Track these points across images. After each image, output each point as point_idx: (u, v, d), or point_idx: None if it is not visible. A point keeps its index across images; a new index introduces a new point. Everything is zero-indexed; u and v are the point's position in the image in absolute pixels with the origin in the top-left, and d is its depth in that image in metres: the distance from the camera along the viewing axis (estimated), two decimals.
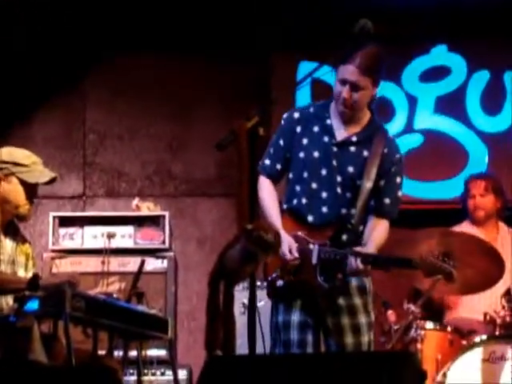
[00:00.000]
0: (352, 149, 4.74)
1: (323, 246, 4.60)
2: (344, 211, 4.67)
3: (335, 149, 4.72)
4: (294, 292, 4.65)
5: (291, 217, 4.74)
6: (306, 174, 4.72)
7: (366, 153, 4.72)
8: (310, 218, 4.68)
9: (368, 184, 4.64)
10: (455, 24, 7.13)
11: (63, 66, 7.41)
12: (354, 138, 4.74)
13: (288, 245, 4.58)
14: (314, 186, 4.70)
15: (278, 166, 4.81)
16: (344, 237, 4.64)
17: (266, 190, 4.76)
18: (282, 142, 4.79)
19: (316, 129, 4.77)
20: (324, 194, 4.69)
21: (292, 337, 4.64)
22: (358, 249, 4.56)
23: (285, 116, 4.80)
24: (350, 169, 4.70)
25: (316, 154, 4.73)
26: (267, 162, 4.79)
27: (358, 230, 4.68)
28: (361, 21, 4.42)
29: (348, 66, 4.54)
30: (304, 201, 4.70)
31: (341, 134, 4.75)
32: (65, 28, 7.22)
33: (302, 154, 4.75)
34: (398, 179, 4.79)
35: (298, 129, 4.78)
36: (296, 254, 4.57)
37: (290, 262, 4.58)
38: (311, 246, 4.61)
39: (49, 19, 7.16)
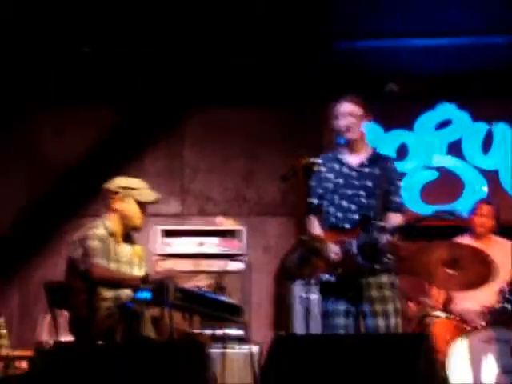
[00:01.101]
0: (366, 170, 4.77)
1: (357, 238, 4.62)
2: (370, 213, 4.67)
3: (354, 173, 4.77)
4: (342, 283, 4.63)
5: (332, 231, 4.72)
6: (336, 197, 4.74)
7: (376, 170, 4.76)
8: (347, 226, 4.68)
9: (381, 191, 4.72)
10: (460, 87, 7.08)
11: (165, 116, 7.48)
12: (366, 162, 4.78)
13: (333, 249, 4.62)
14: (345, 203, 4.71)
15: (315, 201, 4.79)
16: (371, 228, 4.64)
17: (313, 225, 4.75)
18: (314, 183, 4.75)
19: (336, 166, 4.81)
20: (353, 207, 4.70)
21: (339, 322, 4.62)
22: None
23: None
24: (369, 183, 4.73)
25: (341, 181, 4.76)
26: (309, 202, 4.74)
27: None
28: (389, 84, 4.42)
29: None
30: (340, 215, 4.72)
31: (354, 162, 4.79)
32: (164, 84, 7.29)
33: (330, 185, 4.76)
34: (399, 183, 4.84)
35: (323, 169, 4.78)
36: (339, 253, 4.61)
37: (336, 260, 4.60)
38: (352, 242, 4.62)
39: (154, 78, 7.26)
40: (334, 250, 4.59)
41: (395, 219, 4.71)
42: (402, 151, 7.18)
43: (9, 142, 7.47)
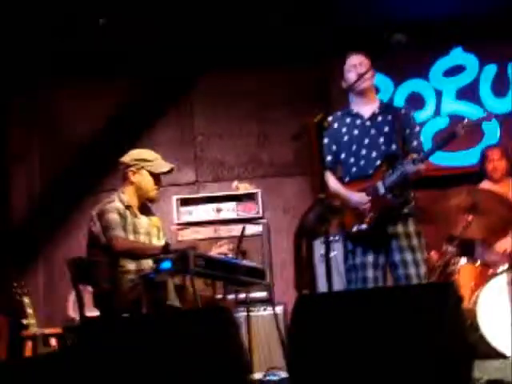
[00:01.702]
0: (379, 118, 4.78)
1: (383, 179, 4.63)
2: (390, 158, 4.68)
3: (368, 123, 4.77)
4: (374, 231, 4.63)
5: (354, 182, 4.75)
6: (354, 147, 4.74)
7: (389, 117, 4.77)
8: (371, 171, 4.69)
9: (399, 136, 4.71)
10: (467, 29, 6.99)
11: (173, 85, 7.45)
12: (377, 111, 4.80)
13: (358, 197, 4.62)
14: (364, 151, 4.73)
15: (329, 158, 4.81)
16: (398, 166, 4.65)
17: (330, 180, 4.77)
18: (326, 141, 4.75)
19: (348, 120, 4.82)
20: (374, 154, 4.71)
21: (368, 274, 4.64)
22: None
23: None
24: (386, 129, 4.75)
25: (356, 131, 4.77)
26: (325, 159, 4.74)
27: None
28: (396, 35, 4.34)
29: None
30: (361, 163, 4.72)
31: (366, 113, 4.80)
32: (170, 53, 7.25)
33: (346, 138, 4.78)
34: (417, 128, 4.85)
35: (335, 125, 4.82)
36: (367, 199, 4.59)
37: (366, 206, 4.59)
38: (377, 184, 4.61)
39: (161, 49, 7.21)
40: (360, 199, 4.59)
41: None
42: (415, 100, 7.13)
43: (23, 118, 7.48)
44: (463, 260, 5.59)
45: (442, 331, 3.14)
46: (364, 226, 4.62)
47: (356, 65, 4.75)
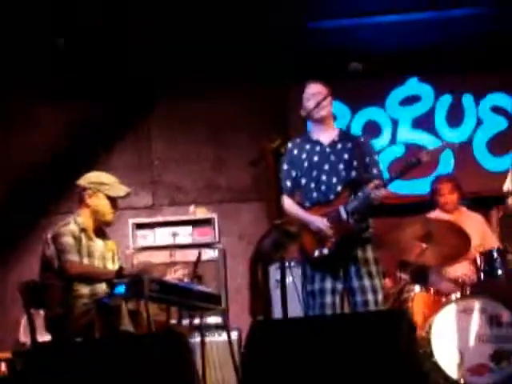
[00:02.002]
0: (339, 145, 4.84)
1: (345, 205, 4.65)
2: (351, 184, 4.73)
3: (328, 149, 4.82)
4: (337, 255, 4.64)
5: (315, 207, 4.77)
6: (314, 173, 4.77)
7: (349, 145, 4.83)
8: (332, 197, 4.72)
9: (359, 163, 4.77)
10: (423, 60, 7.10)
11: (133, 109, 7.44)
12: (336, 138, 4.86)
13: (320, 222, 4.64)
14: (324, 177, 4.77)
15: (289, 183, 4.85)
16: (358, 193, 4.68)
17: (288, 203, 4.77)
18: (286, 166, 4.83)
19: (307, 146, 4.86)
20: (334, 179, 4.74)
21: (326, 300, 4.65)
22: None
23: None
24: (346, 156, 4.79)
25: (315, 158, 4.80)
26: (283, 184, 4.79)
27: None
28: (352, 64, 4.40)
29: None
30: (322, 188, 4.74)
31: (326, 140, 4.85)
32: (129, 79, 7.24)
33: (305, 164, 4.81)
34: (376, 156, 4.93)
35: (295, 152, 4.87)
36: (328, 224, 4.61)
37: (327, 231, 4.60)
38: (339, 209, 4.64)
39: (119, 72, 7.19)
40: (322, 224, 4.60)
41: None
42: (371, 128, 7.20)
43: None
44: (417, 287, 5.62)
45: (395, 358, 3.15)
46: (325, 251, 4.64)
47: (315, 93, 4.80)
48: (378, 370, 3.17)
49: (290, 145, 4.84)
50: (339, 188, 4.72)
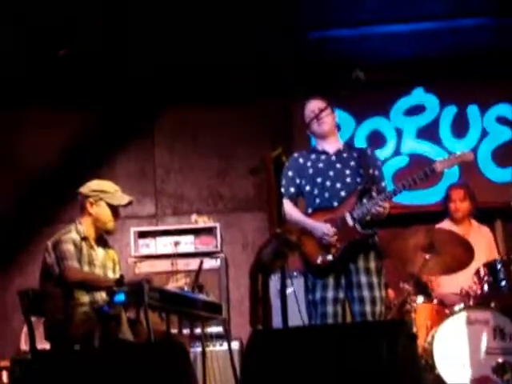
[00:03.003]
0: (345, 154, 4.85)
1: (351, 211, 4.64)
2: (356, 190, 4.71)
3: (334, 157, 4.83)
4: (340, 262, 4.62)
5: (319, 212, 4.75)
6: (319, 180, 4.76)
7: (355, 154, 4.84)
8: (335, 204, 4.70)
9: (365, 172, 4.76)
10: (429, 70, 7.09)
11: (135, 117, 7.44)
12: (342, 148, 4.89)
13: (324, 227, 4.61)
14: (328, 183, 4.75)
15: (292, 189, 4.83)
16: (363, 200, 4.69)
17: (289, 207, 4.75)
18: (290, 173, 4.84)
19: (313, 156, 4.87)
20: (338, 185, 4.73)
21: (328, 310, 4.63)
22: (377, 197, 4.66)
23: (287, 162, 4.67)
24: (352, 163, 4.79)
25: (321, 165, 4.79)
26: (285, 189, 4.79)
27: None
28: (355, 71, 4.38)
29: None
30: (326, 195, 4.72)
31: (331, 150, 4.87)
32: (133, 89, 7.24)
33: (310, 171, 4.80)
34: (382, 169, 4.93)
35: (301, 160, 4.89)
36: (333, 230, 4.58)
37: (332, 238, 4.57)
38: (345, 216, 4.61)
39: (123, 82, 7.19)
40: (327, 230, 4.58)
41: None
42: (376, 138, 7.18)
43: None
44: (420, 299, 5.59)
45: (394, 369, 3.13)
46: (330, 257, 4.61)
47: (314, 110, 4.79)
48: (377, 380, 3.14)
49: (295, 154, 4.88)
50: (343, 194, 4.71)
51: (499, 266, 5.40)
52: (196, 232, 6.43)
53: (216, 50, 6.88)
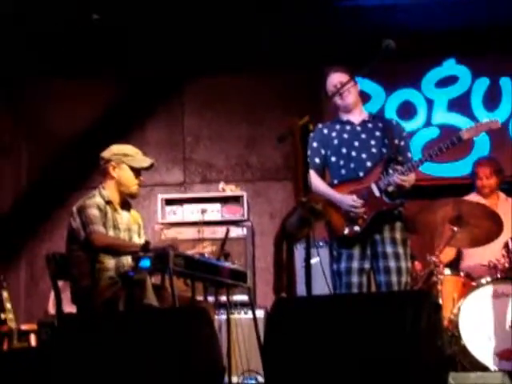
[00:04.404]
0: (370, 125, 4.79)
1: (377, 181, 4.60)
2: (382, 160, 4.67)
3: (359, 128, 4.77)
4: (367, 233, 4.60)
5: (344, 184, 4.71)
6: (344, 150, 4.72)
7: (380, 125, 4.78)
8: (361, 174, 4.66)
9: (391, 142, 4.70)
10: (460, 41, 6.97)
11: (165, 85, 7.42)
12: (367, 118, 4.82)
13: (350, 199, 4.57)
14: (354, 153, 4.71)
15: (317, 160, 4.78)
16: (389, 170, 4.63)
17: (315, 179, 4.71)
18: (315, 144, 4.79)
19: (337, 126, 4.82)
20: (364, 155, 4.69)
21: (353, 280, 4.60)
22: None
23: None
24: (377, 133, 4.74)
25: (346, 135, 4.75)
26: (311, 160, 4.74)
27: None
28: (385, 41, 4.30)
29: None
30: (351, 165, 4.68)
31: (356, 120, 4.81)
32: (163, 56, 7.21)
33: (335, 141, 4.76)
34: (408, 140, 4.88)
35: (325, 131, 4.84)
36: (360, 202, 4.54)
37: (360, 210, 4.54)
38: (371, 186, 4.57)
39: (154, 49, 7.16)
40: (354, 202, 4.55)
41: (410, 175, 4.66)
42: (406, 109, 7.10)
43: (9, 114, 7.41)
44: (447, 271, 5.54)
45: (417, 338, 3.10)
46: (357, 228, 4.58)
47: (337, 84, 4.74)
48: (399, 350, 3.11)
49: (320, 125, 4.83)
50: (369, 164, 4.67)
51: None
52: (223, 200, 6.43)
53: (246, 18, 6.82)
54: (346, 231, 4.60)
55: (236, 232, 6.18)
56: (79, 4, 6.48)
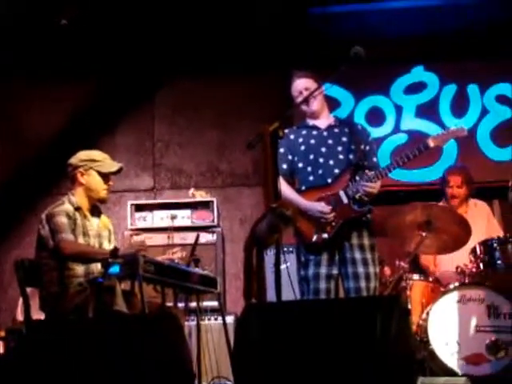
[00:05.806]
0: (336, 130, 4.80)
1: (345, 188, 4.61)
2: (350, 167, 4.68)
3: (325, 133, 4.78)
4: (336, 239, 4.60)
5: (311, 190, 4.71)
6: (311, 156, 4.73)
7: (346, 129, 4.79)
8: (329, 180, 4.67)
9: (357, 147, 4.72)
10: (429, 48, 7.03)
11: (137, 92, 7.40)
12: (333, 123, 4.84)
13: (319, 206, 4.57)
14: (321, 160, 4.71)
15: (285, 166, 4.80)
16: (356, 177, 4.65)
17: (283, 185, 4.69)
18: (282, 150, 4.78)
19: (304, 132, 4.82)
20: (331, 162, 4.69)
21: (321, 286, 4.60)
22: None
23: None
24: (344, 139, 4.75)
25: (312, 141, 4.76)
26: (279, 165, 4.69)
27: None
28: (354, 48, 4.31)
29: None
30: (319, 172, 4.68)
31: (323, 125, 4.83)
32: (135, 61, 7.19)
33: (302, 147, 4.76)
34: (374, 145, 4.87)
35: (292, 136, 4.84)
36: (329, 208, 4.55)
37: (329, 216, 4.54)
38: (340, 194, 4.58)
39: (125, 54, 7.13)
40: (322, 208, 4.55)
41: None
42: (375, 116, 7.13)
43: None
44: (416, 276, 5.57)
45: (387, 343, 3.10)
46: (325, 235, 4.58)
47: (302, 91, 4.76)
48: (369, 355, 3.12)
49: (286, 130, 4.81)
50: (337, 171, 4.67)
51: (495, 245, 5.36)
52: (193, 206, 6.40)
53: (217, 23, 6.82)
54: (315, 238, 4.61)
55: (206, 238, 6.17)
56: (49, 8, 6.44)
